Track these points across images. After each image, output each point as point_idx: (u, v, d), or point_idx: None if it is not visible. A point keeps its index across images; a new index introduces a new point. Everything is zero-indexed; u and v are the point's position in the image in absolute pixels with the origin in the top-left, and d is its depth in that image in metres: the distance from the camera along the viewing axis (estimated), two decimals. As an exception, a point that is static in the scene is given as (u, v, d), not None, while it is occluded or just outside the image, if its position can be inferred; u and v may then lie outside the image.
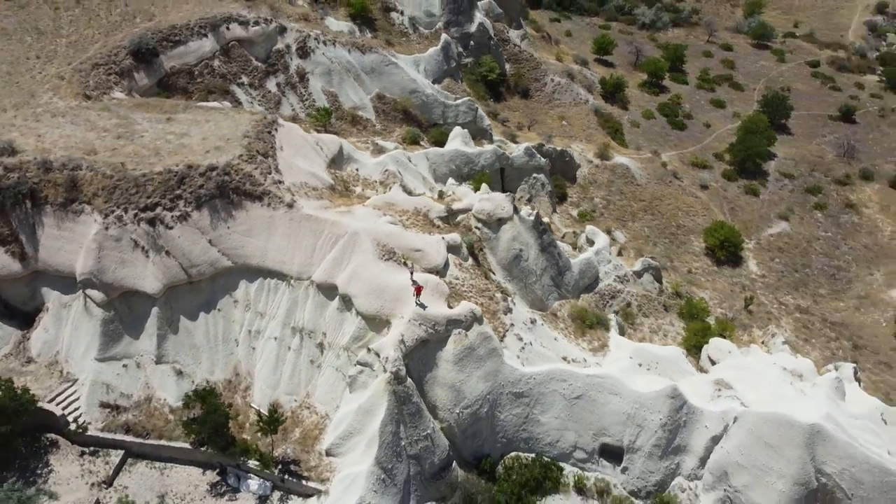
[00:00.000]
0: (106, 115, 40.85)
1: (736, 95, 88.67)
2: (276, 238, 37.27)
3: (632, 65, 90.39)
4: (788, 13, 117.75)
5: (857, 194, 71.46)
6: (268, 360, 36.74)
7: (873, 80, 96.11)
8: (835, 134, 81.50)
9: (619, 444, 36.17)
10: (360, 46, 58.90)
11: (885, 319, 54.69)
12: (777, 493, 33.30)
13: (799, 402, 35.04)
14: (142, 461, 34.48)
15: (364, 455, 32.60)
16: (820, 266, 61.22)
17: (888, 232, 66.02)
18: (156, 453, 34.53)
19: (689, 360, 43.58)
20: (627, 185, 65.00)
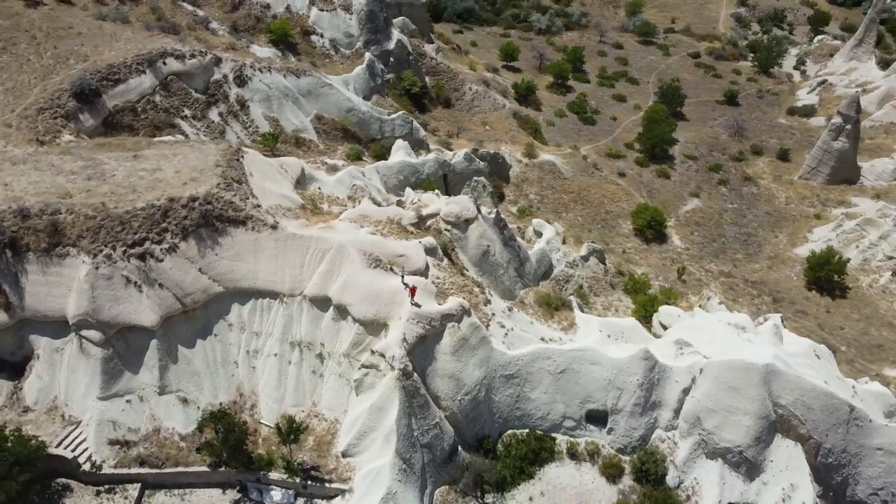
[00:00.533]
0: (69, 159, 40.88)
1: (633, 89, 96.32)
2: (264, 259, 38.77)
3: (537, 68, 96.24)
4: (665, 10, 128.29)
5: (752, 168, 79.91)
6: (270, 376, 38.15)
7: (747, 65, 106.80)
8: (724, 116, 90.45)
9: (604, 408, 40.04)
10: (294, 71, 60.75)
11: (794, 274, 62.06)
12: (744, 429, 38.19)
13: (750, 348, 40.23)
14: (160, 491, 35.10)
15: (383, 449, 34.85)
16: (733, 234, 68.39)
17: (783, 198, 74.36)
18: (173, 481, 35.22)
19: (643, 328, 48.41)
20: (556, 180, 69.90)
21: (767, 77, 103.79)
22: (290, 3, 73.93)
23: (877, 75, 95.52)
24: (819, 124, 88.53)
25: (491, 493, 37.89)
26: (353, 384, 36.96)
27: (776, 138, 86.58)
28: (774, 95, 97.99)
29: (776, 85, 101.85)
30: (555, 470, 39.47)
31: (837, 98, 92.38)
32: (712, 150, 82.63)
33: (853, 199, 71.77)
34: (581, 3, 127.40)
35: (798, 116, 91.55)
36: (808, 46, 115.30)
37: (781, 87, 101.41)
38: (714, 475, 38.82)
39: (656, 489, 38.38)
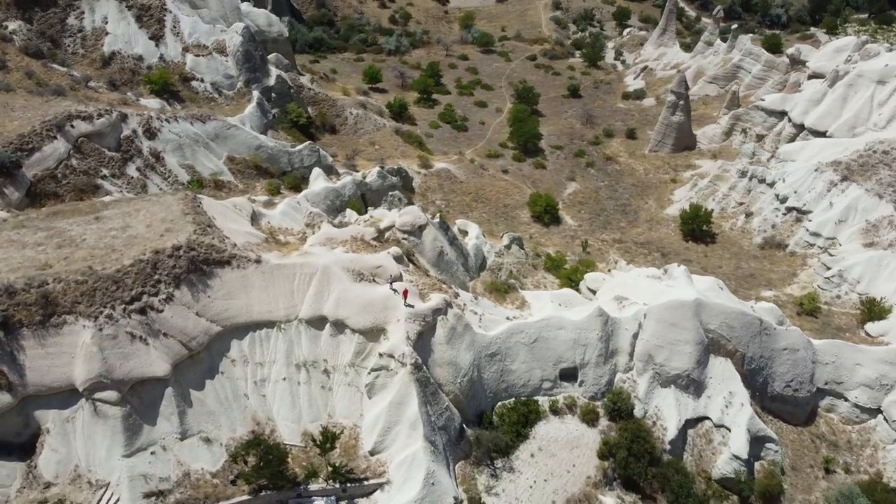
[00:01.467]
0: (27, 232, 40.33)
1: (490, 94, 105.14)
2: (255, 292, 40.88)
3: (400, 87, 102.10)
4: (493, 21, 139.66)
5: (609, 149, 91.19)
6: (284, 399, 40.33)
7: (578, 61, 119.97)
8: (573, 108, 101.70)
9: (573, 365, 46.28)
10: (199, 117, 61.84)
11: (671, 231, 72.79)
12: (687, 356, 46.22)
13: (676, 290, 48.50)
14: (205, 529, 36.31)
15: (410, 438, 38.55)
16: (612, 207, 78.31)
17: (641, 170, 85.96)
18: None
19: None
20: (454, 184, 76.03)
21: (597, 69, 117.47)
22: (162, 52, 73.82)
23: (684, 57, 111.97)
24: (650, 104, 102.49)
25: (499, 459, 42.73)
26: (365, 389, 40.26)
27: (620, 121, 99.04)
28: (607, 84, 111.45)
29: (606, 75, 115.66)
30: (544, 427, 45.01)
31: (659, 80, 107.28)
32: (573, 139, 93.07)
33: (696, 161, 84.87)
34: (416, 21, 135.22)
35: (632, 100, 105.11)
36: (621, 39, 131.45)
37: (611, 76, 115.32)
38: (670, 400, 46.50)
39: (628, 422, 45.12)
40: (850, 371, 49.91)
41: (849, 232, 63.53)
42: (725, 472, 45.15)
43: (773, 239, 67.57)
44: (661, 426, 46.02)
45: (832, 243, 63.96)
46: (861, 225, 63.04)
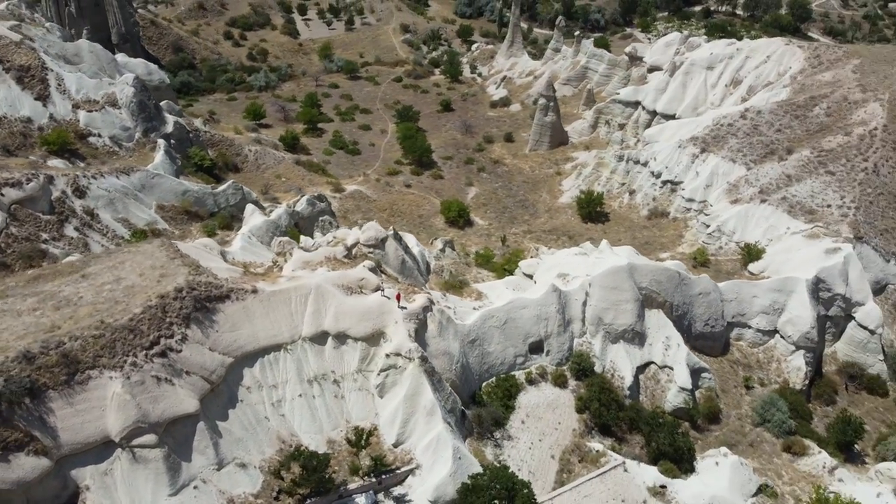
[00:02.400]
0: (15, 300, 39.89)
1: (370, 117, 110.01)
2: (258, 320, 43.10)
3: (283, 120, 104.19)
4: (349, 48, 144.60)
5: (494, 153, 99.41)
6: (303, 414, 42.83)
7: (440, 78, 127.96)
8: (450, 121, 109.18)
9: (539, 338, 52.46)
10: (122, 170, 61.64)
11: (570, 216, 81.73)
12: (629, 313, 54.00)
13: (609, 259, 56.37)
14: (260, 548, 38.25)
15: (429, 424, 42.68)
16: (512, 204, 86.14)
17: (527, 168, 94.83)
18: (269, 534, 38.58)
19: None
20: (369, 203, 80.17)
21: (459, 83, 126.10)
22: (51, 111, 71.61)
23: (536, 64, 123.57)
24: (517, 109, 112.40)
25: (497, 430, 47.86)
26: (376, 390, 43.88)
27: (495, 127, 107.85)
28: (473, 96, 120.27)
29: (469, 88, 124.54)
30: (525, 397, 50.74)
31: (520, 87, 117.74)
32: (458, 149, 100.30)
33: (573, 154, 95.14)
34: (275, 56, 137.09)
35: (500, 107, 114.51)
36: (473, 53, 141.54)
37: (473, 88, 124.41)
38: (622, 353, 54.12)
39: (592, 379, 51.98)
40: (750, 303, 60.42)
41: (715, 194, 75.47)
42: (676, 404, 53.36)
43: (656, 210, 78.47)
44: (618, 376, 53.40)
45: (704, 205, 75.63)
46: (724, 187, 75.19)
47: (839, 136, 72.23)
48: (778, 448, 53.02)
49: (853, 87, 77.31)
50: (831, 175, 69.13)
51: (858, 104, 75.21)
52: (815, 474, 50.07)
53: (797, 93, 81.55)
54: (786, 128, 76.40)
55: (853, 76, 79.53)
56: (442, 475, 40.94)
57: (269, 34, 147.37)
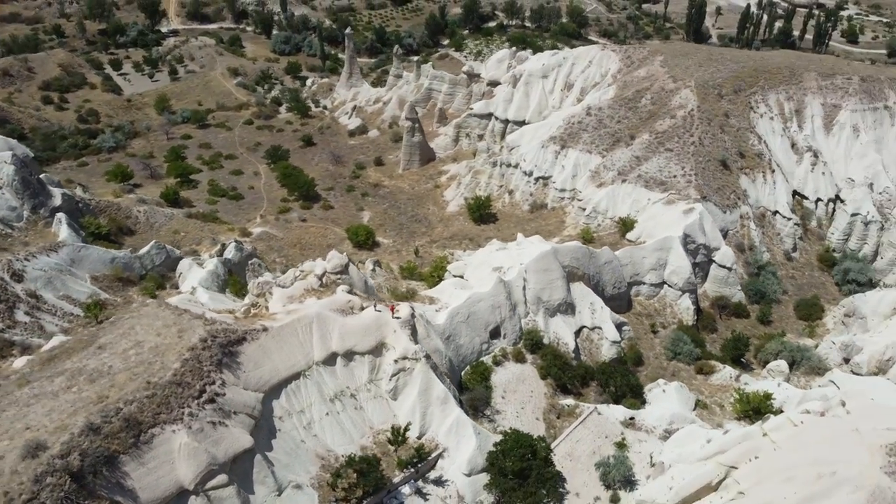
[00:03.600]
0: (42, 383, 40.03)
1: (237, 162, 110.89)
2: (275, 355, 46.47)
3: (150, 177, 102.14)
4: (183, 98, 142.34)
5: (370, 178, 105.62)
6: (334, 430, 46.88)
7: (288, 115, 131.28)
8: (317, 154, 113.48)
9: (497, 325, 60.18)
10: (51, 248, 60.05)
11: (463, 222, 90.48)
12: (560, 289, 63.56)
13: (531, 248, 65.60)
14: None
15: (445, 411, 48.81)
16: (406, 221, 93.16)
17: (407, 187, 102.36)
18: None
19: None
20: (278, 242, 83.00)
21: (310, 118, 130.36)
22: (-72, 204, 66.85)
23: (381, 91, 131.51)
24: (376, 135, 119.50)
25: (486, 409, 54.88)
26: (388, 394, 49.14)
27: (361, 154, 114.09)
28: (329, 128, 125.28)
29: (321, 121, 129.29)
30: (497, 377, 58.14)
31: (372, 114, 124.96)
32: (336, 179, 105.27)
33: (443, 168, 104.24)
34: (106, 115, 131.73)
35: (359, 135, 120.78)
36: (311, 88, 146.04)
37: (325, 121, 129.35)
38: (561, 323, 63.55)
39: (545, 350, 60.80)
40: (641, 264, 72.97)
41: (582, 181, 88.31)
42: (610, 356, 63.85)
43: (535, 203, 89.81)
44: (563, 343, 62.70)
45: (575, 193, 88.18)
46: (587, 174, 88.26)
47: (667, 120, 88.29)
48: (692, 372, 65.43)
49: (666, 79, 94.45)
50: (670, 151, 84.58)
51: (674, 92, 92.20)
52: (725, 385, 62.89)
53: (622, 89, 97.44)
54: (624, 118, 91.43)
55: (663, 70, 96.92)
56: (470, 450, 47.31)
57: (91, 93, 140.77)
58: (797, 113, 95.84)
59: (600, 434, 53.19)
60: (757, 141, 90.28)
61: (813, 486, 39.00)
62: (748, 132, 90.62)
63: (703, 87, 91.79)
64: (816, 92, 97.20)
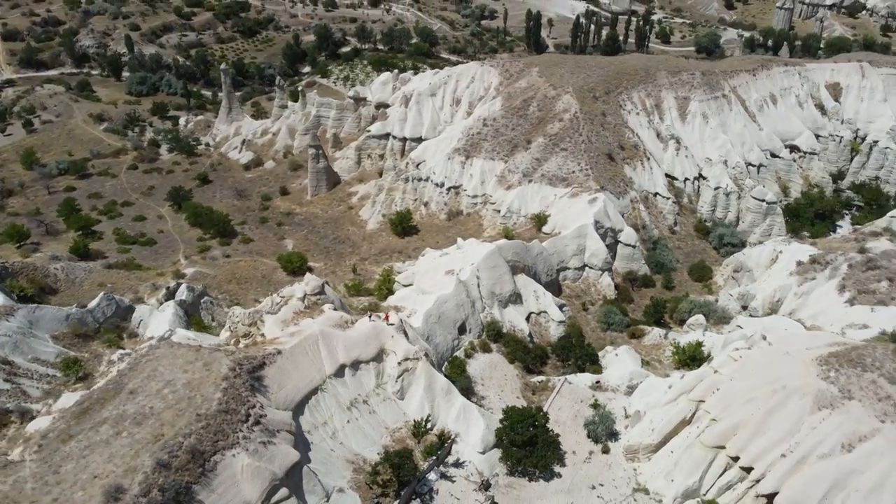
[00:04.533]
0: (87, 434, 40.46)
1: (136, 208, 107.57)
2: (292, 374, 49.15)
3: (48, 234, 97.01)
4: (51, 149, 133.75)
5: (281, 207, 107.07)
6: (356, 436, 50.30)
7: (172, 156, 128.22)
8: (219, 191, 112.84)
9: (463, 320, 65.82)
10: (6, 311, 57.65)
11: (387, 236, 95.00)
12: (508, 282, 70.42)
13: (477, 247, 71.92)
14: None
15: (451, 400, 53.93)
16: (330, 243, 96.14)
17: (320, 211, 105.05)
18: (390, 527, 46.37)
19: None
20: (214, 279, 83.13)
21: (196, 156, 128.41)
22: None
23: (267, 123, 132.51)
24: (272, 166, 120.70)
25: (472, 396, 60.38)
26: (395, 395, 53.32)
27: (263, 186, 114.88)
28: (220, 164, 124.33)
29: (210, 158, 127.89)
30: (471, 368, 63.55)
31: (263, 146, 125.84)
32: (245, 213, 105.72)
33: (351, 189, 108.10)
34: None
35: (254, 168, 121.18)
36: (188, 126, 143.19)
37: (213, 157, 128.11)
38: (513, 312, 70.41)
39: (505, 338, 67.34)
40: (565, 252, 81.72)
41: (491, 186, 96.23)
42: (559, 334, 71.65)
43: (451, 211, 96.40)
44: (519, 330, 69.60)
45: (486, 197, 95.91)
46: (494, 179, 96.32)
47: (557, 123, 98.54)
48: (626, 338, 74.85)
49: (546, 87, 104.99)
50: (565, 151, 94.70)
51: (556, 98, 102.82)
52: (657, 343, 72.72)
53: (508, 100, 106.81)
54: (517, 126, 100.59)
55: (541, 80, 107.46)
56: (480, 430, 52.71)
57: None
58: (657, 107, 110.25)
59: (576, 400, 60.44)
60: (631, 134, 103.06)
61: (770, 401, 48.32)
62: (623, 127, 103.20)
63: (580, 92, 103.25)
64: (669, 87, 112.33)
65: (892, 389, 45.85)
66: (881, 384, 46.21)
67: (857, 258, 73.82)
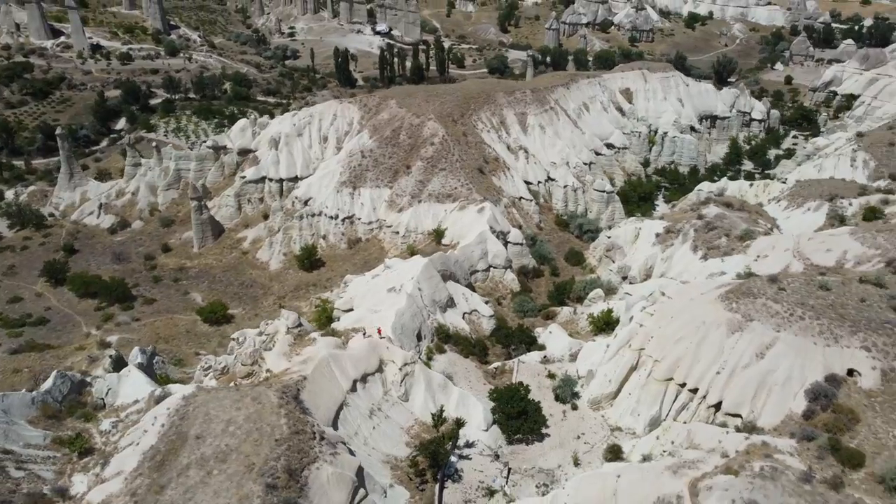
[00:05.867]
0: (179, 481, 42.68)
1: (7, 288, 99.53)
2: (321, 395, 53.91)
3: None
4: None
5: (171, 263, 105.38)
6: (384, 440, 56.32)
7: (19, 232, 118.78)
8: (92, 260, 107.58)
9: (419, 329, 73.10)
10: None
11: (293, 273, 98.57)
12: (443, 289, 79.14)
13: (409, 263, 79.57)
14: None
15: (447, 391, 61.75)
16: (239, 289, 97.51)
17: (213, 262, 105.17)
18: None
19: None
20: (141, 343, 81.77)
21: (46, 227, 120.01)
22: None
23: (114, 185, 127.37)
24: (140, 225, 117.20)
25: (449, 389, 68.32)
26: (400, 398, 59.89)
27: (140, 246, 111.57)
28: (79, 232, 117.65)
29: (63, 228, 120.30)
30: (435, 367, 71.53)
31: (125, 207, 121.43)
32: (134, 275, 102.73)
33: (238, 235, 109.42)
34: None
35: (121, 230, 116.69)
36: (23, 198, 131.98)
37: (67, 227, 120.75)
38: (452, 315, 79.28)
39: (456, 336, 76.00)
40: (472, 257, 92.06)
41: (382, 211, 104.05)
42: (490, 327, 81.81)
43: (350, 239, 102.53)
44: (461, 329, 78.67)
45: (381, 222, 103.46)
46: (384, 205, 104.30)
47: (429, 147, 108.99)
48: (542, 319, 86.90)
49: (410, 116, 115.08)
50: (444, 170, 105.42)
51: (421, 125, 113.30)
52: (571, 319, 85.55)
53: (375, 131, 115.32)
54: (393, 154, 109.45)
55: (402, 110, 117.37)
56: (480, 412, 61.02)
57: None
58: (502, 123, 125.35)
59: (533, 374, 70.73)
60: (490, 149, 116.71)
61: (696, 335, 62.15)
62: (482, 144, 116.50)
63: (441, 117, 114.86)
64: (508, 106, 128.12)
65: (777, 308, 61.69)
66: (769, 305, 61.95)
67: (699, 223, 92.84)
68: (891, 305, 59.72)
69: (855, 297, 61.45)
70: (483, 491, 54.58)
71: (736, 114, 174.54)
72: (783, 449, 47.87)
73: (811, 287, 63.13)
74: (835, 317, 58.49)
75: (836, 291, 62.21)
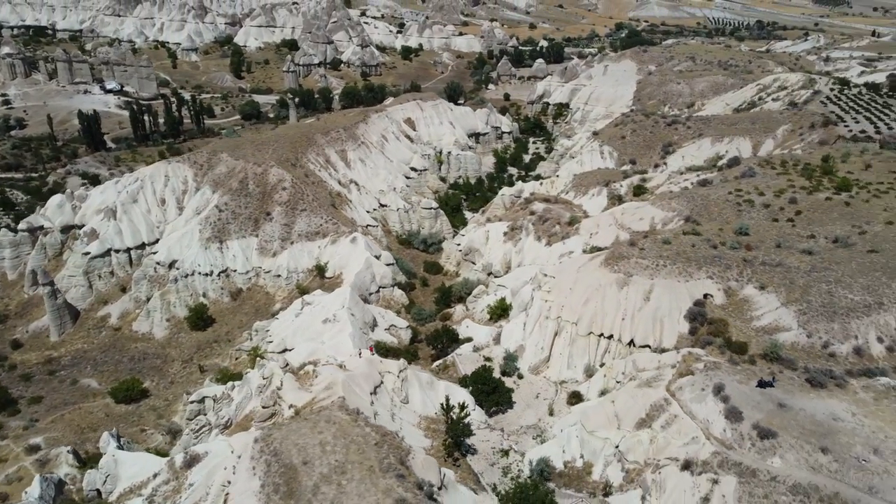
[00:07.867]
0: (319, 498, 48.09)
1: None
2: (363, 408, 60.96)
3: None
4: None
5: (31, 360, 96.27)
6: (410, 437, 64.66)
7: None
8: None
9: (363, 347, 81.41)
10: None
11: (185, 334, 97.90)
12: (367, 311, 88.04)
13: (334, 294, 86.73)
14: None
15: (434, 386, 72.09)
16: (136, 365, 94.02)
17: (82, 345, 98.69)
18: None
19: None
20: (70, 437, 77.20)
21: None
22: None
23: None
24: None
25: (415, 392, 78.43)
26: (403, 401, 68.99)
27: None
28: None
29: None
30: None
31: None
32: None
33: (102, 313, 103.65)
34: None
35: None
36: None
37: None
38: (380, 332, 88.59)
39: (391, 349, 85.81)
40: (364, 280, 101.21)
41: (255, 259, 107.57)
42: (409, 335, 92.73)
43: (232, 292, 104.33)
44: (392, 342, 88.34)
45: (258, 270, 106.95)
46: (256, 252, 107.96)
47: (282, 192, 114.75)
48: (439, 321, 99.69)
49: (251, 166, 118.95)
50: (304, 210, 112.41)
51: (265, 173, 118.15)
52: (467, 314, 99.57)
53: (218, 185, 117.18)
54: (248, 204, 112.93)
55: (238, 161, 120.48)
56: (463, 395, 72.23)
57: None
58: (328, 162, 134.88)
59: (474, 362, 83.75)
60: (331, 186, 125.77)
61: (598, 297, 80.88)
62: (322, 183, 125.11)
63: (281, 162, 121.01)
64: (328, 145, 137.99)
65: (646, 262, 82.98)
66: (640, 261, 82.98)
67: (533, 218, 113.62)
68: (710, 245, 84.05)
69: (687, 244, 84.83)
70: (500, 454, 66.39)
71: (492, 129, 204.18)
72: (700, 354, 67.61)
73: (658, 244, 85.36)
74: (683, 261, 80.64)
75: (675, 243, 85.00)
